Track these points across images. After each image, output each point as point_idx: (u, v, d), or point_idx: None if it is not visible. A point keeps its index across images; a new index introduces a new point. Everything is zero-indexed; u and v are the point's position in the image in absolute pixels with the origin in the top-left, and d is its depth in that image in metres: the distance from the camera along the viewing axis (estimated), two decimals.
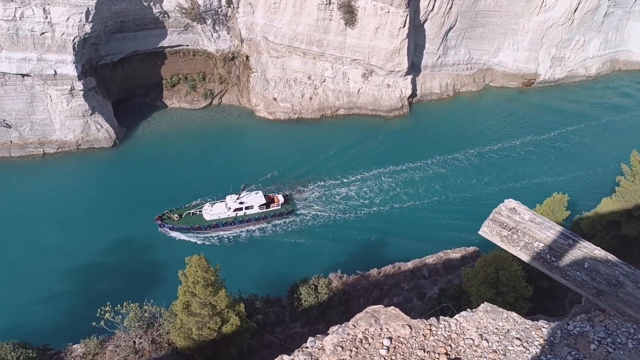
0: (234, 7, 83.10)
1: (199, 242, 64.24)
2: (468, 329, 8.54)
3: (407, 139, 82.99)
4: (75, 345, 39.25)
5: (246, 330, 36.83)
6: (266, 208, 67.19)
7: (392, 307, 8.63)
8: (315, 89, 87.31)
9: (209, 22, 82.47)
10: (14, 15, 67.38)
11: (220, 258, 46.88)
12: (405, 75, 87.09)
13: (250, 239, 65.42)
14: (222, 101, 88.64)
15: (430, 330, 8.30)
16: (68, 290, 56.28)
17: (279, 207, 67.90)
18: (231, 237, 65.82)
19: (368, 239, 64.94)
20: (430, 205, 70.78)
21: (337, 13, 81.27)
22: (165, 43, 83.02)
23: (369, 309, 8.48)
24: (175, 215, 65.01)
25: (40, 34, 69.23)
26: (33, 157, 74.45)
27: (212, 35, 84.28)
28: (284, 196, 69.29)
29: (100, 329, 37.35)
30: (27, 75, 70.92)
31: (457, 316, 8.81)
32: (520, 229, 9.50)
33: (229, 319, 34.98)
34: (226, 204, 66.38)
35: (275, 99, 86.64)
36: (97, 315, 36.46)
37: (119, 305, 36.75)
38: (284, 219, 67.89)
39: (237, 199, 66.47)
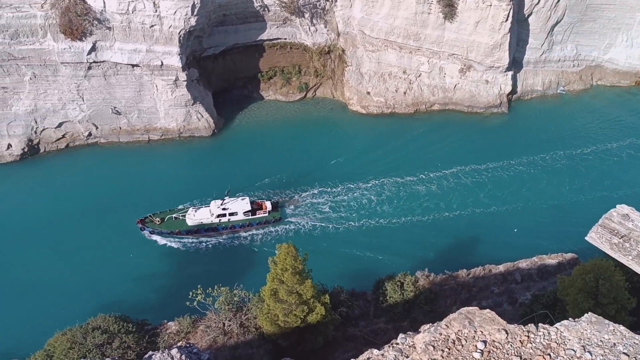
0: (332, 1, 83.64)
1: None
2: (569, 339, 8.01)
3: (501, 138, 79.84)
4: (170, 323, 41.31)
5: (331, 322, 37.08)
6: (252, 215, 64.72)
7: (488, 309, 8.27)
8: (410, 83, 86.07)
9: (307, 15, 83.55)
10: (127, 9, 71.76)
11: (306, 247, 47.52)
12: (505, 71, 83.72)
13: (336, 231, 65.63)
14: (316, 94, 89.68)
15: (528, 337, 7.87)
16: (165, 271, 59.48)
17: (266, 214, 65.13)
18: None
19: (454, 240, 63.16)
20: (517, 210, 67.44)
21: (436, 6, 79.50)
22: (264, 36, 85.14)
23: (463, 310, 8.17)
24: (157, 219, 64.04)
25: (150, 27, 73.26)
26: (139, 142, 79.15)
27: (309, 28, 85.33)
28: (272, 203, 66.62)
29: (193, 309, 39.17)
30: (137, 65, 75.40)
31: (557, 325, 8.28)
32: (634, 237, 8.76)
33: (314, 308, 35.38)
34: (210, 209, 64.43)
35: (368, 93, 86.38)
36: (190, 296, 38.25)
37: (210, 288, 38.28)
38: (271, 227, 65.19)
39: (221, 204, 64.19)
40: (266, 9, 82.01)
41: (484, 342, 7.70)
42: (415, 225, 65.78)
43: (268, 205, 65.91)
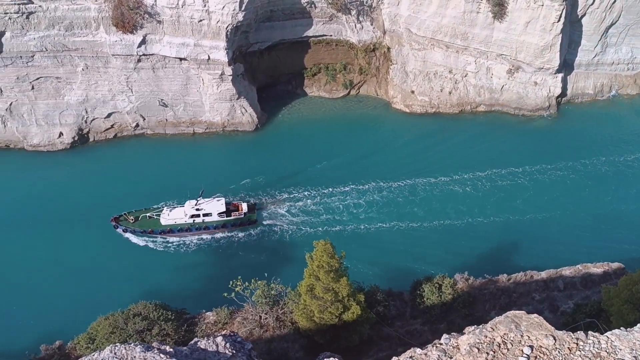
0: None
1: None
2: (621, 349, 7.70)
3: (548, 142, 77.78)
4: (208, 313, 41.94)
5: (366, 320, 36.91)
6: (226, 216, 64.17)
7: (535, 314, 8.02)
8: (455, 83, 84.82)
9: (353, 12, 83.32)
10: (177, 3, 73.08)
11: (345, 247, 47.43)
12: (555, 73, 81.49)
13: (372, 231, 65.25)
14: (360, 92, 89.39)
15: (577, 344, 7.60)
16: (202, 262, 60.44)
17: (242, 216, 64.52)
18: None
19: (494, 244, 61.78)
20: (557, 217, 65.44)
21: (486, 6, 78.03)
22: (310, 33, 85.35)
23: (510, 313, 7.96)
24: (131, 217, 64.28)
25: (198, 21, 74.42)
26: (184, 135, 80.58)
27: (355, 25, 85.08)
28: (248, 205, 65.92)
29: (230, 301, 39.65)
30: (184, 59, 76.75)
31: (608, 333, 7.96)
32: None
33: (350, 307, 35.26)
34: (184, 209, 64.22)
35: (413, 91, 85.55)
36: (230, 286, 38.73)
37: (247, 282, 38.67)
38: (246, 229, 64.75)
39: (195, 205, 63.98)
40: (313, 6, 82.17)
41: (531, 347, 7.49)
42: (450, 228, 64.77)
43: (244, 206, 65.41)
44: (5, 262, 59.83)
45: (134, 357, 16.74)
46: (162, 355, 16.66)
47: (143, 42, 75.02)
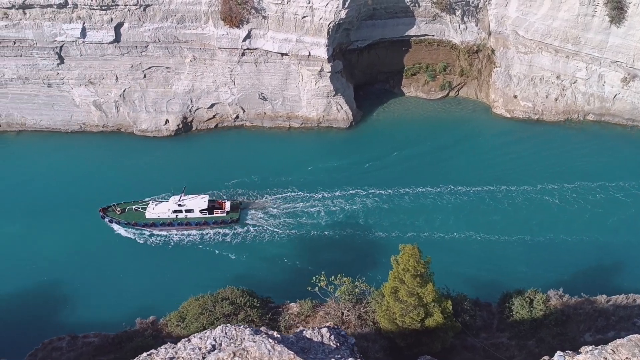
0: None
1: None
2: None
3: None
4: (292, 304, 42.84)
5: (451, 328, 36.11)
6: (208, 214, 64.29)
7: None
8: (562, 89, 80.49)
9: (458, 12, 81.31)
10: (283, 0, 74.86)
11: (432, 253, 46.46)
12: None
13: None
14: (459, 94, 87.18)
15: None
16: (291, 253, 61.59)
17: (224, 214, 64.43)
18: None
19: (589, 262, 58.19)
20: None
21: (602, 9, 73.28)
22: (411, 32, 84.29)
23: (634, 337, 7.44)
24: (119, 209, 65.44)
25: (302, 18, 75.76)
26: (280, 129, 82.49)
27: (459, 26, 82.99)
28: (232, 203, 65.66)
29: (314, 294, 40.27)
30: (286, 54, 78.48)
31: None
32: None
33: (433, 313, 34.67)
34: (168, 204, 65.14)
35: (515, 96, 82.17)
36: (312, 281, 39.31)
37: (332, 277, 39.04)
38: (229, 228, 64.67)
39: (179, 200, 64.73)
40: (416, 5, 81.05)
41: None
42: (534, 242, 61.62)
43: (227, 205, 65.85)
44: (111, 240, 64.30)
45: (244, 338, 17.41)
46: (270, 340, 17.24)
47: (248, 36, 77.55)
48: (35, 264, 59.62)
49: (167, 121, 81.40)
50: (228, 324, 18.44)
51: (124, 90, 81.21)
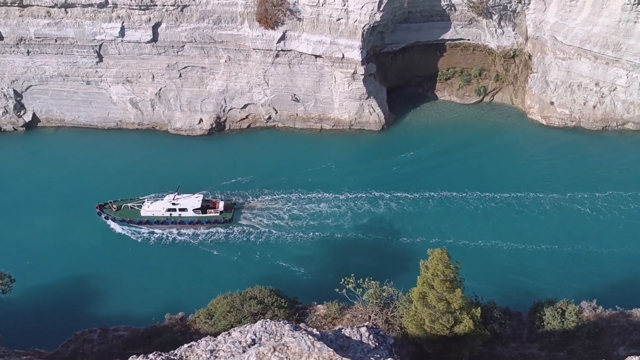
0: (524, 3, 79.31)
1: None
2: None
3: None
4: (319, 306, 42.73)
5: (480, 336, 35.55)
6: (202, 213, 64.59)
7: None
8: (601, 97, 78.65)
9: (494, 17, 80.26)
10: (318, 2, 75.04)
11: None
12: None
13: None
14: (494, 99, 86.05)
15: None
16: (318, 254, 61.61)
17: (217, 214, 64.68)
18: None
19: (625, 274, 56.65)
20: None
21: None
22: (446, 36, 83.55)
23: None
24: (115, 206, 66.07)
25: (336, 20, 75.87)
26: (311, 130, 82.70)
27: (495, 30, 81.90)
28: (226, 203, 65.86)
29: (342, 297, 40.12)
30: (319, 56, 78.69)
31: None
32: None
33: (462, 320, 34.19)
34: (163, 203, 65.43)
35: (552, 103, 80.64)
36: (340, 283, 39.21)
37: (360, 279, 38.86)
38: (223, 227, 64.92)
39: (173, 199, 65.05)
40: (452, 8, 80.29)
41: None
42: (562, 251, 60.30)
43: (221, 205, 66.08)
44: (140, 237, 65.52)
45: (283, 334, 17.52)
46: (310, 337, 17.29)
47: (282, 38, 78.01)
48: (69, 257, 61.06)
49: (200, 120, 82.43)
50: (268, 319, 18.60)
51: (160, 89, 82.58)
